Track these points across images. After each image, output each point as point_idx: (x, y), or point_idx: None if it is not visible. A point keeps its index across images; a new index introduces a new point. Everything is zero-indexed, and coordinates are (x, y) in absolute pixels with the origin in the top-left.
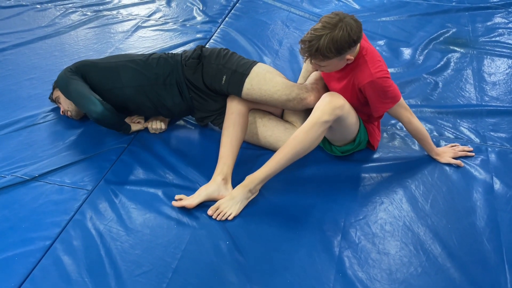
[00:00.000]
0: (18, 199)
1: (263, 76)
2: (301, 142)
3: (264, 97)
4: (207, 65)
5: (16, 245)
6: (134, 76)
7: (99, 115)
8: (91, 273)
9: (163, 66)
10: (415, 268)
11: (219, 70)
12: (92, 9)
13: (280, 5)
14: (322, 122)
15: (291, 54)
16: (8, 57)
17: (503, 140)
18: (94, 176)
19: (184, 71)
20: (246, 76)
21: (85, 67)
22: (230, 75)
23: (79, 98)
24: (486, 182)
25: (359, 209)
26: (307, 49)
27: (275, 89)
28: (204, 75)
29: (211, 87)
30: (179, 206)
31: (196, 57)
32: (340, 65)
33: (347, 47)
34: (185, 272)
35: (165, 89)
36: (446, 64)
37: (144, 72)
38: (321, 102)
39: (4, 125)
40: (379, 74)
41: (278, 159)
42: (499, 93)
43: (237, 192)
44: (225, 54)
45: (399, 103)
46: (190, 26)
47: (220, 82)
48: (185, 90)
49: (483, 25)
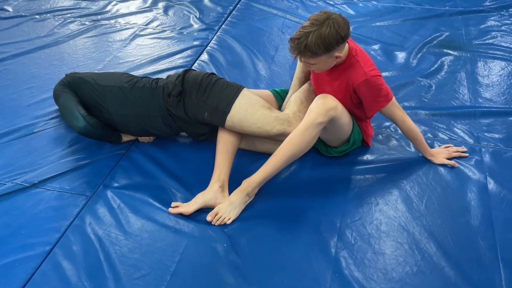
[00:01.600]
0: (18, 205)
1: (244, 113)
2: (296, 145)
3: (246, 131)
4: (188, 101)
5: (16, 251)
6: (119, 105)
7: (82, 129)
8: (91, 277)
9: (146, 99)
10: (410, 267)
11: (200, 106)
12: (90, 18)
13: (276, 12)
14: (317, 123)
15: (286, 60)
16: (8, 67)
17: (496, 140)
18: (93, 182)
19: (167, 106)
20: (227, 114)
21: (77, 82)
22: (212, 112)
23: (65, 111)
24: (480, 182)
25: (354, 210)
26: (296, 47)
27: (256, 126)
28: (186, 110)
29: (195, 120)
30: (175, 213)
31: (176, 94)
32: (329, 63)
33: (335, 43)
34: (183, 275)
35: (150, 120)
36: (440, 67)
37: (129, 103)
38: (315, 104)
39: (4, 133)
40: (372, 72)
41: (274, 162)
42: (492, 94)
43: (235, 197)
44: (207, 86)
45: (392, 102)
46: (187, 34)
47: (203, 117)
48: (171, 121)
49: (476, 28)
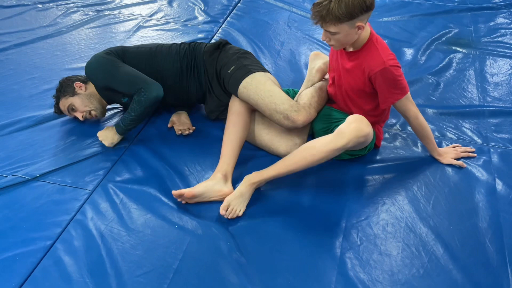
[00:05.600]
0: (19, 199)
1: (264, 80)
2: (317, 160)
3: (256, 96)
4: (224, 53)
5: (17, 245)
6: (169, 60)
7: (160, 94)
8: (92, 273)
9: (185, 51)
10: (417, 270)
11: (232, 60)
12: (94, 8)
13: (281, 5)
14: (345, 148)
15: (292, 55)
16: (10, 56)
17: (505, 141)
18: (95, 176)
19: (203, 55)
20: (251, 72)
21: (121, 51)
22: (238, 67)
23: (136, 80)
24: (488, 183)
25: (361, 210)
26: (318, 11)
27: (269, 93)
28: (218, 60)
29: (220, 75)
30: (177, 194)
31: (217, 44)
32: (350, 36)
33: (359, 11)
34: (186, 272)
35: (188, 73)
36: (448, 65)
37: (175, 57)
38: (347, 128)
39: (5, 125)
40: (391, 62)
41: (289, 164)
42: (501, 93)
43: (246, 189)
44: (245, 52)
45: (407, 96)
46: (191, 26)
47: (227, 70)
48: (202, 75)
49: (485, 25)
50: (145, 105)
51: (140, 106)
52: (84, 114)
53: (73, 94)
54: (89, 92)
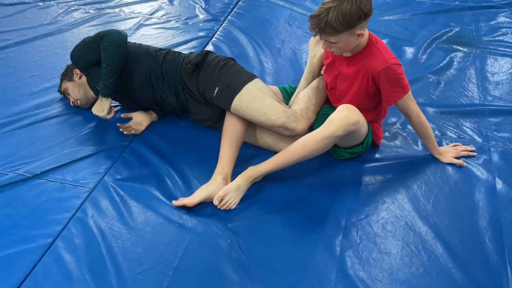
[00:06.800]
0: (20, 196)
1: (253, 95)
2: (309, 150)
3: (250, 116)
4: (203, 73)
5: (18, 243)
6: (149, 64)
7: (123, 38)
8: (93, 271)
9: (167, 62)
10: (416, 268)
11: (213, 81)
12: (95, 7)
13: (282, 3)
14: (335, 136)
15: (293, 53)
16: (11, 54)
17: (506, 140)
18: (96, 174)
19: (181, 73)
20: (237, 92)
21: None
22: (223, 88)
23: (98, 35)
24: (488, 182)
25: (360, 208)
26: (316, 24)
27: (262, 111)
28: (198, 82)
29: (204, 96)
30: (179, 205)
31: (195, 63)
32: (351, 43)
33: (357, 19)
34: (186, 270)
35: (163, 83)
36: (449, 64)
37: (154, 64)
38: (337, 116)
39: (6, 123)
40: (393, 60)
41: (283, 158)
42: (502, 92)
43: (242, 182)
44: (224, 65)
45: (408, 95)
46: (192, 25)
47: (212, 93)
48: (180, 91)
49: (486, 24)
50: (111, 49)
51: (107, 53)
52: (73, 101)
53: (70, 79)
54: (81, 81)
